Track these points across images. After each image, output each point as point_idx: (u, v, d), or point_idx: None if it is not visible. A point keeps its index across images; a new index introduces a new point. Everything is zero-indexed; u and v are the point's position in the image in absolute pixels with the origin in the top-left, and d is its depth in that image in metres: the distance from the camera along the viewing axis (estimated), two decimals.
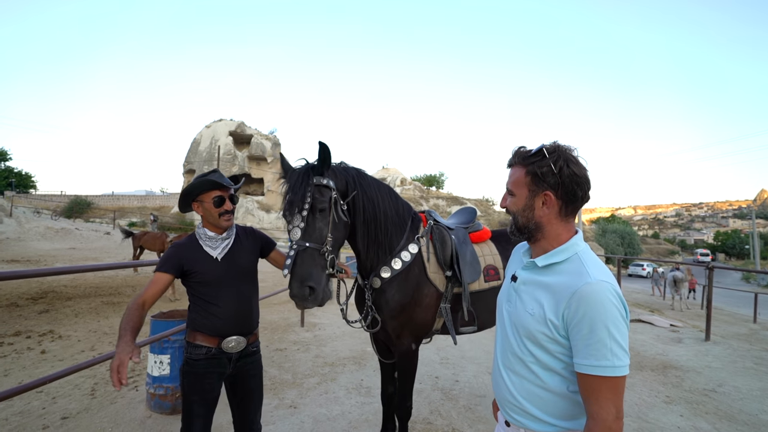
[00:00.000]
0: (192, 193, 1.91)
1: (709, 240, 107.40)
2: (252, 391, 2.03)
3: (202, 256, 1.90)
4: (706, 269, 6.75)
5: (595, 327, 1.00)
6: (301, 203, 1.85)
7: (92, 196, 44.04)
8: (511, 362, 1.19)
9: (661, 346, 6.00)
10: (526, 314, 1.14)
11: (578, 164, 1.13)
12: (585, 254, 1.13)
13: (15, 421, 3.22)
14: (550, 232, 1.16)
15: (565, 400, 1.10)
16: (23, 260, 15.35)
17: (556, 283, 1.10)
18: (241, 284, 1.96)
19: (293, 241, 1.82)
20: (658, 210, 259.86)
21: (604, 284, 1.03)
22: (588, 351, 1.01)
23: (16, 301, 8.05)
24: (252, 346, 2.02)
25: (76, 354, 5.04)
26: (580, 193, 1.13)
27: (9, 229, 21.06)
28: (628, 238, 46.07)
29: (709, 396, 4.10)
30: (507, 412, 1.20)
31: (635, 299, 12.44)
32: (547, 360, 1.10)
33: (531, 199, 1.16)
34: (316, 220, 1.88)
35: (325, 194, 1.92)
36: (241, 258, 1.99)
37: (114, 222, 32.45)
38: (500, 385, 1.23)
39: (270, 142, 44.06)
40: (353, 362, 4.85)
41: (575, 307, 1.03)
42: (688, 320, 8.77)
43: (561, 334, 1.07)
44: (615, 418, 0.98)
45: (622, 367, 0.99)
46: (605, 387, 0.99)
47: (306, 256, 1.81)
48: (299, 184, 1.89)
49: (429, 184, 57.93)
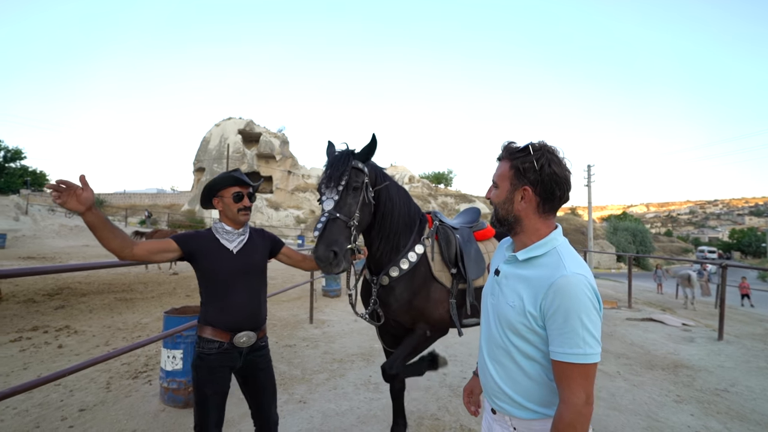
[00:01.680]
0: (214, 187, 2.02)
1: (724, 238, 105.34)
2: (264, 385, 2.09)
3: (218, 248, 1.98)
4: (720, 267, 6.64)
5: (569, 317, 1.05)
6: (338, 179, 2.01)
7: (105, 195, 44.80)
8: (495, 353, 1.24)
9: (672, 345, 5.94)
10: (507, 306, 1.19)
11: (560, 165, 1.18)
12: (563, 248, 1.18)
13: (35, 412, 3.33)
14: (528, 226, 1.22)
15: (545, 387, 1.16)
16: (39, 257, 15.72)
17: (534, 276, 1.15)
18: (252, 280, 2.03)
19: (325, 211, 1.97)
20: (672, 207, 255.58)
21: (579, 277, 1.08)
22: (562, 339, 1.06)
23: (33, 297, 8.26)
24: (261, 341, 2.09)
25: (92, 348, 5.16)
26: (558, 193, 1.18)
27: (25, 226, 21.54)
28: (640, 235, 45.38)
29: (720, 396, 4.05)
30: (492, 400, 1.26)
31: (647, 298, 12.28)
32: (527, 349, 1.16)
33: (512, 193, 1.22)
34: (348, 196, 2.04)
35: (360, 177, 2.10)
36: (254, 255, 2.07)
37: (126, 220, 32.98)
38: (486, 375, 1.28)
39: (278, 140, 44.30)
40: (362, 358, 4.89)
41: (551, 298, 1.08)
42: (701, 319, 8.64)
43: (539, 325, 1.12)
44: (585, 403, 1.04)
45: (593, 355, 1.04)
46: (577, 373, 1.05)
47: (335, 225, 1.95)
48: (340, 162, 2.05)
49: (437, 181, 57.75)
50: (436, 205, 45.64)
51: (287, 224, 37.48)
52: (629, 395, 3.96)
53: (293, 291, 9.58)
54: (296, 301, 8.69)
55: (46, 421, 3.18)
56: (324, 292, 9.52)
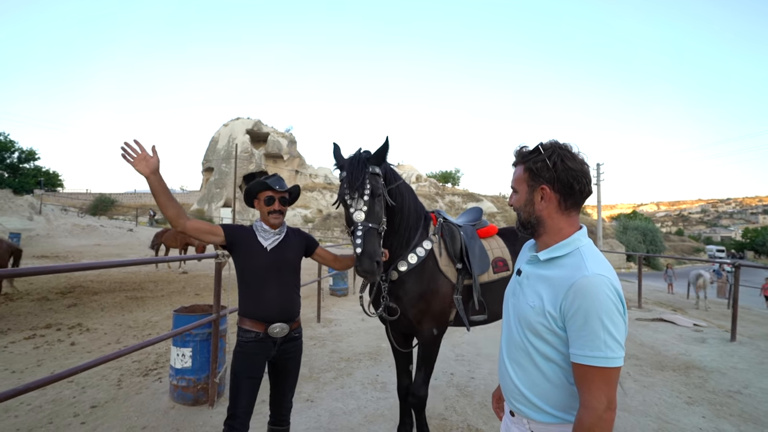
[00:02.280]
0: (251, 191, 2.21)
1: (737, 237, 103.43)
2: (290, 371, 2.24)
3: (255, 243, 2.15)
4: (733, 267, 6.53)
5: (590, 318, 1.03)
6: (361, 189, 2.07)
7: (115, 194, 45.41)
8: (514, 354, 1.23)
9: (683, 345, 5.85)
10: (527, 306, 1.18)
11: (574, 159, 1.17)
12: (586, 249, 1.16)
13: (48, 408, 3.39)
14: (551, 227, 1.21)
15: (564, 390, 1.14)
16: (52, 256, 15.99)
17: (555, 276, 1.14)
18: (285, 275, 2.18)
19: (359, 222, 2.04)
20: (683, 206, 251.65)
21: (601, 278, 1.06)
22: (582, 341, 1.04)
23: (46, 295, 8.41)
24: (294, 332, 2.23)
25: (103, 346, 5.24)
26: (577, 186, 1.17)
27: (39, 226, 21.92)
28: (650, 235, 44.81)
29: (733, 398, 3.98)
30: (511, 401, 1.24)
31: (658, 298, 12.13)
32: (546, 351, 1.14)
33: (530, 194, 1.22)
34: (375, 204, 2.10)
35: (378, 182, 2.16)
36: (288, 252, 2.21)
37: (136, 219, 33.38)
38: (505, 376, 1.27)
39: (286, 140, 44.51)
40: (369, 358, 4.90)
41: (572, 298, 1.06)
42: (713, 320, 8.50)
43: (559, 326, 1.10)
44: (606, 408, 1.01)
45: (614, 359, 1.02)
46: (598, 377, 1.02)
47: (371, 236, 2.03)
48: (358, 170, 2.09)
49: (444, 180, 57.56)
50: (444, 204, 45.51)
51: (295, 223, 37.65)
52: (639, 396, 3.92)
53: (301, 290, 9.60)
54: (303, 300, 8.68)
55: (59, 417, 3.24)
56: (331, 291, 9.56)
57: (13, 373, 4.21)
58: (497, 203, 47.41)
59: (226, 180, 41.15)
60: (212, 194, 41.73)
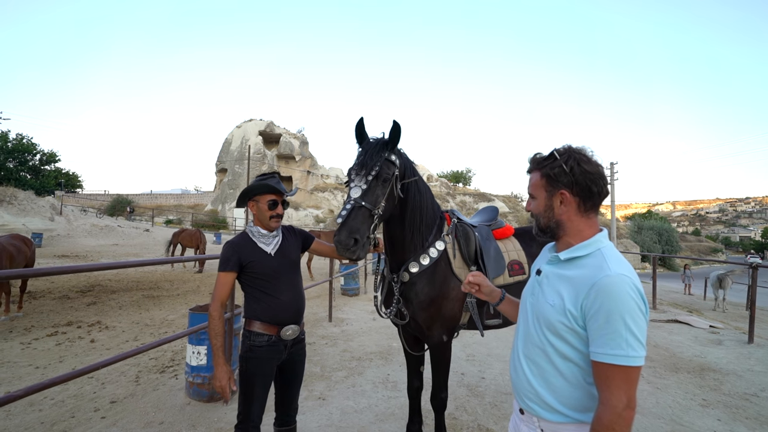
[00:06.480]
0: (251, 192, 2.13)
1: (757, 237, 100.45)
2: (297, 373, 2.23)
3: (258, 252, 2.10)
4: (750, 268, 6.40)
5: (612, 317, 1.03)
6: (369, 168, 2.03)
7: (132, 195, 46.32)
8: (531, 351, 1.24)
9: (698, 347, 5.75)
10: (546, 305, 1.19)
11: (590, 162, 1.20)
12: (608, 250, 1.17)
13: (70, 403, 3.51)
14: (571, 229, 1.23)
15: (581, 390, 1.14)
16: (72, 255, 16.42)
17: (576, 275, 1.15)
18: (292, 277, 2.17)
19: (352, 198, 1.99)
20: (700, 206, 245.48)
21: (624, 278, 1.07)
22: (603, 340, 1.04)
23: (67, 294, 8.67)
24: (301, 334, 2.23)
25: (122, 343, 5.39)
26: (596, 189, 1.19)
27: (59, 226, 22.52)
28: (666, 235, 43.87)
29: (750, 401, 3.91)
30: (522, 399, 1.25)
31: (673, 299, 11.90)
32: (564, 349, 1.15)
33: (549, 200, 1.24)
34: (377, 186, 2.05)
35: (390, 169, 2.11)
36: (291, 252, 2.20)
37: (152, 220, 34.02)
38: (519, 374, 1.27)
39: (298, 141, 44.83)
40: (380, 357, 4.94)
41: (593, 297, 1.07)
42: (730, 321, 8.32)
43: (579, 325, 1.11)
44: (626, 407, 1.01)
45: (636, 358, 1.02)
46: (618, 376, 1.02)
47: (359, 213, 1.98)
48: (374, 152, 2.07)
49: (456, 180, 57.23)
50: (455, 204, 45.28)
51: (306, 224, 37.90)
52: (653, 398, 3.88)
53: (313, 289, 9.72)
54: (315, 300, 8.82)
55: (80, 412, 3.36)
56: (343, 290, 9.63)
57: (37, 369, 4.37)
58: (509, 203, 46.98)
59: (239, 181, 41.65)
60: (226, 195, 42.30)
